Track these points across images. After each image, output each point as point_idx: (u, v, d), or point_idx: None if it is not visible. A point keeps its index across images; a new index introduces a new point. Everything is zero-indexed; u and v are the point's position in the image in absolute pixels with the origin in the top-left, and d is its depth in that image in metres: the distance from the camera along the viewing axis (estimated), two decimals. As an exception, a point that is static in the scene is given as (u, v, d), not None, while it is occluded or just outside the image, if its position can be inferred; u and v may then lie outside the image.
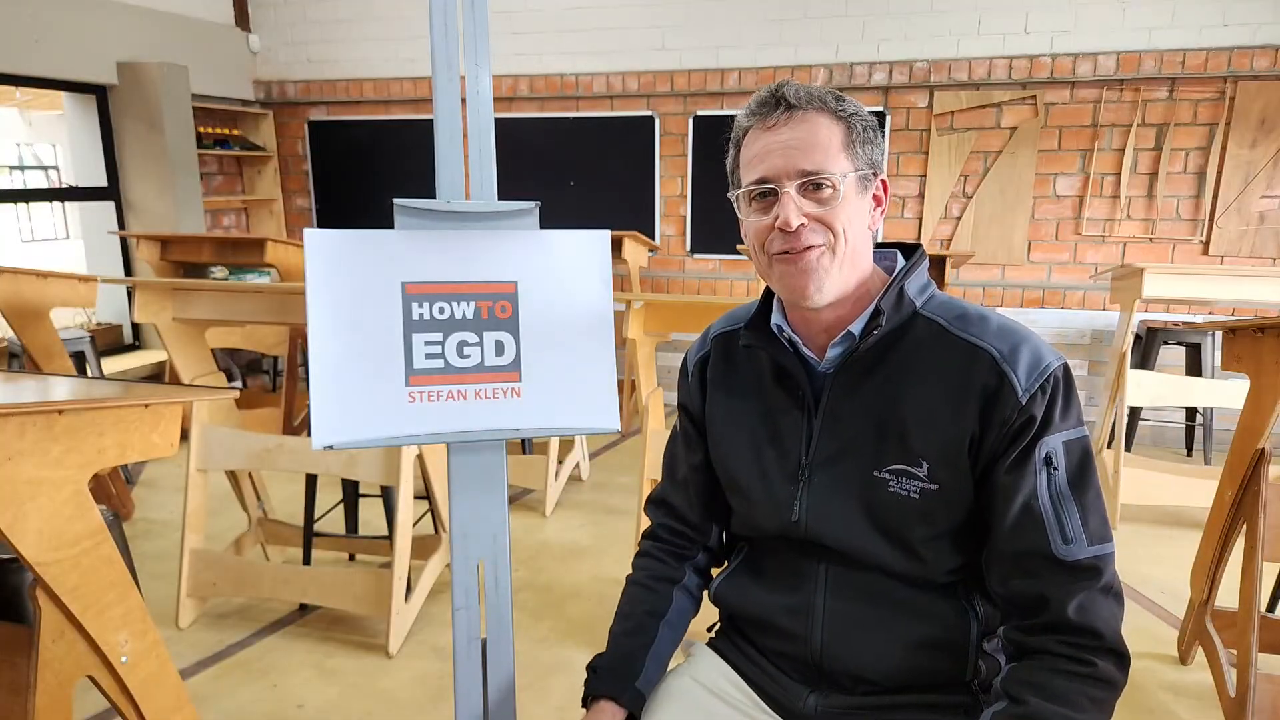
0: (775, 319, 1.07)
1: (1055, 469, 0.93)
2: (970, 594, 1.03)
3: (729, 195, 1.05)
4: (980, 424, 0.95)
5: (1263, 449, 1.98)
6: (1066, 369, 0.96)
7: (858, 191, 0.99)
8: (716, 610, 1.24)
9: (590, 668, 1.14)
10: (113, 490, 3.29)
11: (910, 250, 1.07)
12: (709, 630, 1.27)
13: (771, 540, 1.11)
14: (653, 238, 5.08)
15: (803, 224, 0.96)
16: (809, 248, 0.97)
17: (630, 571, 1.24)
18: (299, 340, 3.76)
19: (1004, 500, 0.94)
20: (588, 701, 1.11)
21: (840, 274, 0.98)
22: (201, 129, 5.11)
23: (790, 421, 1.07)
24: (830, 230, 0.96)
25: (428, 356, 1.19)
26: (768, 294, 1.11)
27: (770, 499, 1.08)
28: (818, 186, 0.96)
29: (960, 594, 1.03)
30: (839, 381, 1.03)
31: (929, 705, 1.04)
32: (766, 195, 0.98)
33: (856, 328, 1.01)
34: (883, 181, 1.03)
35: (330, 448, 1.15)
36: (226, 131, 5.48)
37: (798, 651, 1.08)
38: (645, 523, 1.28)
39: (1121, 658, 0.91)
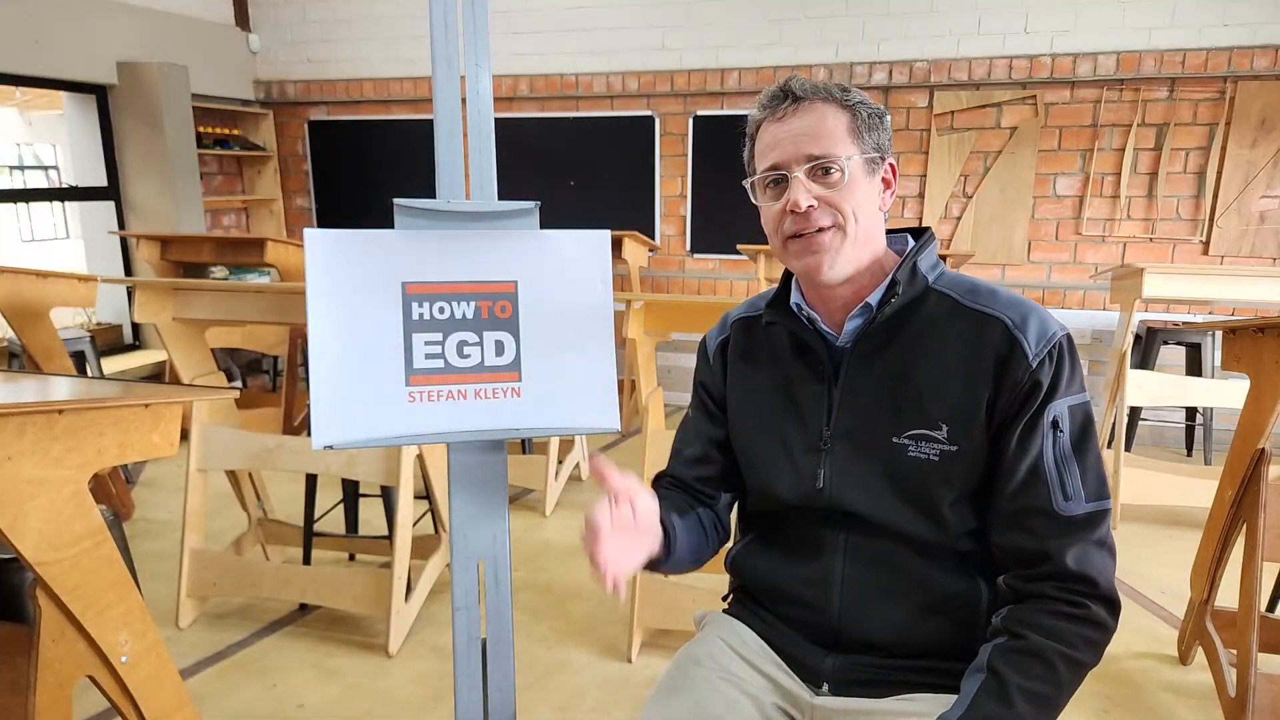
0: (794, 298, 1.13)
1: (1060, 431, 0.99)
2: (984, 565, 1.06)
3: (744, 184, 1.11)
4: (995, 386, 1.00)
5: (1263, 449, 1.98)
6: (1069, 338, 1.02)
7: (865, 174, 1.04)
8: (728, 582, 1.27)
9: None
10: (113, 490, 3.29)
11: (920, 234, 1.13)
12: (723, 600, 1.29)
13: (791, 510, 1.13)
14: (653, 238, 5.08)
15: (812, 205, 1.02)
16: (821, 229, 1.02)
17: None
18: (299, 340, 3.76)
19: (1013, 461, 1.00)
20: None
21: (852, 251, 1.04)
22: (201, 129, 5.11)
23: (811, 394, 1.11)
24: (839, 211, 1.02)
25: (428, 356, 1.19)
26: (786, 277, 1.16)
27: (793, 469, 1.11)
28: (826, 170, 1.02)
29: (973, 565, 1.06)
30: (857, 354, 1.08)
31: (942, 671, 1.07)
32: (779, 182, 1.05)
33: (874, 299, 1.06)
34: (891, 165, 1.08)
35: (330, 448, 1.15)
36: (226, 131, 5.48)
37: (815, 619, 1.12)
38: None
39: (1113, 604, 0.98)
